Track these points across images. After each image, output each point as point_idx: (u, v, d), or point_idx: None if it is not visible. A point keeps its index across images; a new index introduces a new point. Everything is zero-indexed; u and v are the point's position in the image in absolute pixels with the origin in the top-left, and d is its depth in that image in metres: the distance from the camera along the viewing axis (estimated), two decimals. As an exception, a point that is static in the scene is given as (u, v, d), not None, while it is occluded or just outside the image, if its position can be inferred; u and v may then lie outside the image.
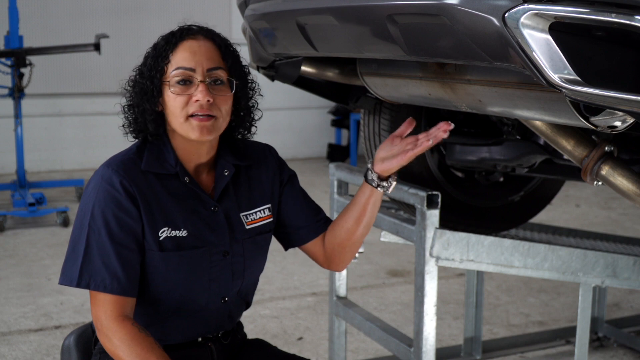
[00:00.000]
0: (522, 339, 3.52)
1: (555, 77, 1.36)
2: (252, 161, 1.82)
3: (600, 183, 1.99)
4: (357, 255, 2.72)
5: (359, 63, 2.37)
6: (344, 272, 2.84)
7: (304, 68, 2.52)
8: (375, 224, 2.61)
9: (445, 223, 2.53)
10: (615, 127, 1.56)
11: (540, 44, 1.35)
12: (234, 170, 1.76)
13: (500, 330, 3.73)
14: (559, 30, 1.35)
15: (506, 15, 1.37)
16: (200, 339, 1.77)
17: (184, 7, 8.15)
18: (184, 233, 1.67)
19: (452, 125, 1.70)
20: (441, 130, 1.69)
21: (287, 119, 9.02)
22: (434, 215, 2.30)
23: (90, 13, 7.92)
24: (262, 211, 1.81)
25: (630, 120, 1.53)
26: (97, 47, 6.06)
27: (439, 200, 2.30)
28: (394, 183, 1.79)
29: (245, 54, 2.13)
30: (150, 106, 1.65)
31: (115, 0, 8.09)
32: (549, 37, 1.34)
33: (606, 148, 1.97)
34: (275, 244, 1.96)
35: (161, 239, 1.65)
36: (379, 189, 1.79)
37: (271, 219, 1.83)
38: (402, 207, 2.84)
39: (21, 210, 5.77)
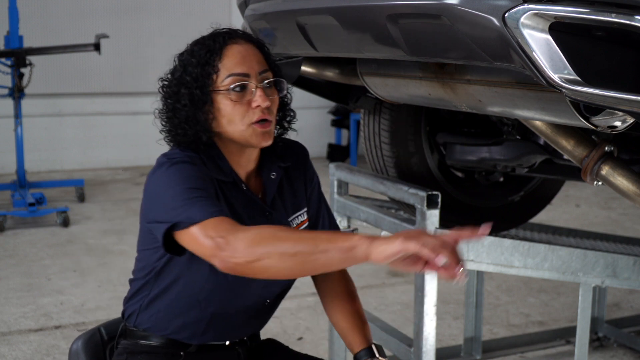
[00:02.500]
0: (522, 339, 3.52)
1: (555, 77, 1.36)
2: (291, 161, 1.77)
3: (600, 183, 2.00)
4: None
5: (359, 63, 2.37)
6: (344, 272, 2.83)
7: (304, 68, 2.53)
8: (375, 224, 2.62)
9: (445, 223, 2.53)
10: (615, 127, 1.56)
11: (540, 44, 1.35)
12: (280, 173, 1.72)
13: (500, 330, 3.73)
14: (559, 30, 1.35)
15: (506, 15, 1.37)
16: (228, 343, 1.74)
17: (184, 7, 8.13)
18: None
19: None
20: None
21: (287, 119, 9.01)
22: (434, 215, 2.30)
23: (90, 13, 7.92)
24: (302, 214, 1.77)
25: (630, 120, 1.53)
26: (97, 47, 6.06)
27: (439, 200, 2.30)
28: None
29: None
30: (204, 116, 1.60)
31: (115, 0, 8.09)
32: (549, 37, 1.34)
33: (606, 148, 1.97)
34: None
35: None
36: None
37: (308, 223, 1.79)
38: (402, 207, 2.84)
39: (21, 210, 5.76)
